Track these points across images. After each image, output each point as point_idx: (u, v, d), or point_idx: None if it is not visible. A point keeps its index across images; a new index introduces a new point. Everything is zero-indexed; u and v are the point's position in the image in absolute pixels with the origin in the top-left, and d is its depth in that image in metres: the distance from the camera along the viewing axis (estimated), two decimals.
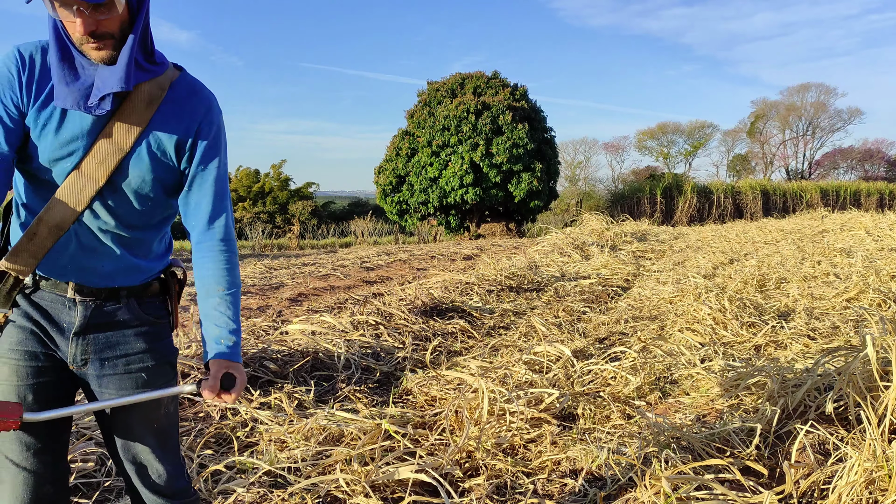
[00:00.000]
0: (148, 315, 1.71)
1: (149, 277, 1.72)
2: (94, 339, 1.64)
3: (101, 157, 1.56)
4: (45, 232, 1.57)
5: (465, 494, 2.89)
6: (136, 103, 1.57)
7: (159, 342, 1.73)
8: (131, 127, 1.56)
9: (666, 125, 46.48)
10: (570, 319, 6.54)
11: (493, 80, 23.69)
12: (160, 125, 1.60)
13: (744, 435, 3.37)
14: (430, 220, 24.66)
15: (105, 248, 1.63)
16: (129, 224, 1.64)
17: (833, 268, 8.60)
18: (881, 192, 32.59)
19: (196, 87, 1.67)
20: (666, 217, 29.34)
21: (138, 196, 1.62)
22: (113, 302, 1.66)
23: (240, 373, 1.61)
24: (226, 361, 1.60)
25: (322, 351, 4.81)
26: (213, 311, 1.65)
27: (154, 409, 1.71)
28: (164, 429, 1.74)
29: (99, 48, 1.49)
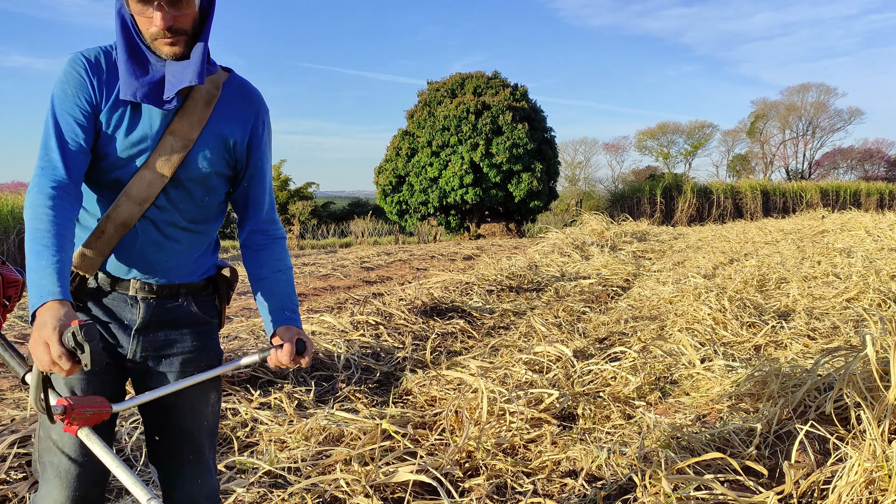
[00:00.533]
0: (202, 314, 1.77)
1: (205, 275, 1.78)
2: (153, 337, 1.70)
3: (168, 153, 1.62)
4: (112, 230, 1.62)
5: (465, 494, 2.89)
6: (197, 101, 1.64)
7: (210, 341, 1.80)
8: (193, 124, 1.63)
9: (666, 125, 46.48)
10: (570, 319, 6.54)
11: (493, 80, 23.68)
12: (219, 122, 1.68)
13: (744, 435, 3.37)
14: (430, 220, 24.65)
15: (168, 244, 1.68)
16: (191, 218, 1.71)
17: (833, 268, 8.60)
18: (881, 192, 32.57)
19: (248, 87, 1.77)
20: (666, 217, 29.33)
21: (200, 190, 1.69)
22: (172, 300, 1.72)
23: (308, 339, 1.68)
24: (295, 328, 1.69)
25: (322, 351, 4.81)
26: (274, 288, 1.74)
27: (204, 405, 1.76)
28: (211, 428, 1.80)
29: (172, 43, 1.55)
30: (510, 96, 22.85)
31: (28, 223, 1.50)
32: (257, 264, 1.79)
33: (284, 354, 1.63)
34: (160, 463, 1.78)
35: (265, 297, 1.76)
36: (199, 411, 1.76)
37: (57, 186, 1.52)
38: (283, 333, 1.68)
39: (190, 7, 1.54)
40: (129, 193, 1.62)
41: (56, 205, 1.50)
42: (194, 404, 1.74)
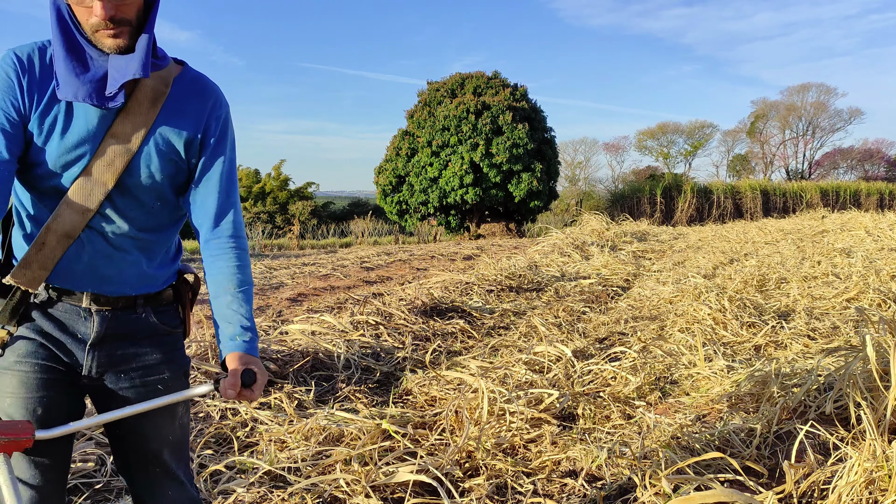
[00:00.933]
0: (163, 324, 1.66)
1: (164, 284, 1.67)
2: (110, 351, 1.59)
3: (109, 158, 1.49)
4: (54, 241, 1.50)
5: (465, 494, 2.89)
6: (142, 101, 1.51)
7: (175, 352, 1.68)
8: (138, 125, 1.51)
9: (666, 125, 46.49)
10: (570, 319, 6.54)
11: (493, 80, 23.69)
12: (167, 122, 1.54)
13: (744, 435, 3.37)
14: (430, 220, 24.66)
15: (120, 254, 1.57)
16: (143, 227, 1.58)
17: (833, 268, 8.60)
18: (881, 192, 32.58)
19: (201, 81, 1.62)
20: (666, 217, 29.34)
21: (149, 197, 1.57)
22: (129, 311, 1.60)
23: (260, 368, 1.50)
24: (245, 356, 1.51)
25: (322, 351, 4.81)
26: (226, 310, 1.57)
27: (169, 421, 1.66)
28: (178, 441, 1.70)
29: (115, 35, 1.42)
30: (510, 96, 22.86)
31: None
32: (209, 282, 1.62)
33: (229, 385, 1.44)
34: (129, 477, 1.70)
35: (217, 317, 1.59)
36: (163, 428, 1.65)
37: None
38: (231, 361, 1.51)
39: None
40: (70, 202, 1.49)
41: None
42: (158, 422, 1.63)
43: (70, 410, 1.57)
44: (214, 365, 4.12)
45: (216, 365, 4.14)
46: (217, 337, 1.59)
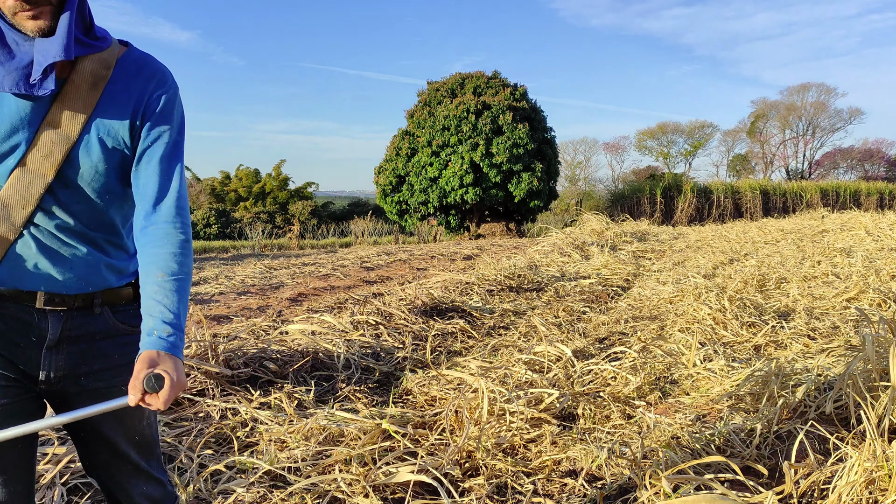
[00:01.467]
0: (123, 324, 1.58)
1: (122, 281, 1.58)
2: (68, 353, 1.50)
3: (47, 149, 1.40)
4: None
5: (465, 494, 2.89)
6: (80, 85, 1.42)
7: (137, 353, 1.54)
8: (76, 112, 1.42)
9: (666, 125, 46.49)
10: (570, 319, 6.54)
11: (493, 80, 23.69)
12: (108, 107, 1.45)
13: (744, 435, 3.37)
14: (430, 220, 24.66)
15: (69, 250, 1.48)
16: (91, 221, 1.50)
17: (833, 268, 8.60)
18: (881, 192, 32.58)
19: (145, 61, 1.52)
20: (666, 217, 29.34)
21: (94, 189, 1.47)
22: (86, 311, 1.52)
23: (172, 372, 1.34)
24: (156, 355, 1.37)
25: (322, 351, 4.81)
26: (149, 301, 1.44)
27: (137, 422, 1.60)
28: (147, 441, 1.63)
29: (35, 17, 1.33)
30: (510, 96, 22.86)
31: None
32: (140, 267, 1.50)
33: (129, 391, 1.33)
34: (99, 477, 1.65)
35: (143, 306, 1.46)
36: (130, 428, 1.59)
37: None
38: (139, 361, 1.36)
39: None
40: (6, 198, 1.41)
41: None
42: (124, 423, 1.58)
43: (25, 418, 1.48)
44: (214, 365, 4.13)
45: (216, 365, 4.14)
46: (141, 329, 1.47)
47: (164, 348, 1.38)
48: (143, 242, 1.50)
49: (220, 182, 37.26)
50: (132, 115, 1.47)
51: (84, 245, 1.50)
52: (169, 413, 3.73)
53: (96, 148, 1.45)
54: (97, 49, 1.44)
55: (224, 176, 37.74)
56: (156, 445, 1.68)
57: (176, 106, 1.53)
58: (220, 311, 7.32)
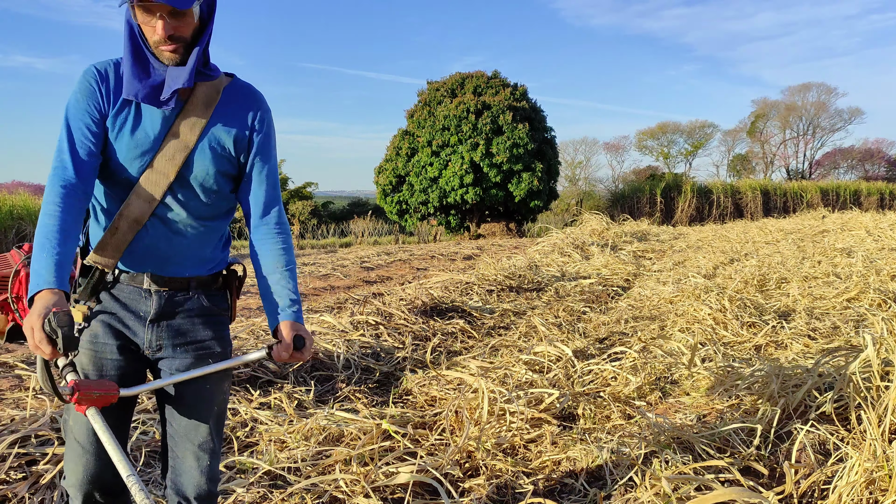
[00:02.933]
0: (213, 306, 1.87)
1: (213, 269, 1.88)
2: (167, 327, 1.81)
3: (171, 153, 1.74)
4: (126, 226, 1.76)
5: (465, 494, 2.89)
6: (197, 104, 1.77)
7: (223, 331, 1.90)
8: (194, 125, 1.76)
9: (666, 125, 46.45)
10: (570, 319, 6.54)
11: (494, 80, 23.67)
12: (218, 123, 1.79)
13: (744, 435, 3.37)
14: (430, 219, 24.64)
15: (177, 239, 1.80)
16: (198, 216, 1.81)
17: (833, 268, 8.60)
18: (881, 192, 32.55)
19: (248, 89, 1.87)
20: (666, 217, 29.32)
21: (204, 189, 1.80)
22: (183, 293, 1.83)
23: (307, 335, 1.76)
24: (294, 324, 1.76)
25: (322, 351, 4.81)
26: (275, 286, 1.81)
27: (217, 392, 1.85)
28: (222, 411, 1.88)
29: (173, 50, 1.69)
30: (510, 96, 22.84)
31: (39, 218, 1.65)
32: (260, 262, 1.86)
33: (283, 349, 1.72)
34: (173, 448, 1.85)
35: (268, 293, 1.83)
36: (211, 397, 1.84)
37: (66, 185, 1.67)
38: (283, 329, 1.76)
39: (190, 17, 1.68)
40: (139, 192, 1.75)
41: (64, 202, 1.65)
42: (207, 391, 1.83)
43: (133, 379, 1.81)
44: None
45: None
46: (269, 310, 1.82)
47: (297, 319, 1.77)
48: (260, 239, 1.86)
49: None
50: (239, 130, 1.82)
51: (190, 236, 1.82)
52: None
53: (208, 154, 1.78)
54: (211, 78, 1.80)
55: None
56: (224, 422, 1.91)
57: (272, 129, 1.89)
58: None
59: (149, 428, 3.43)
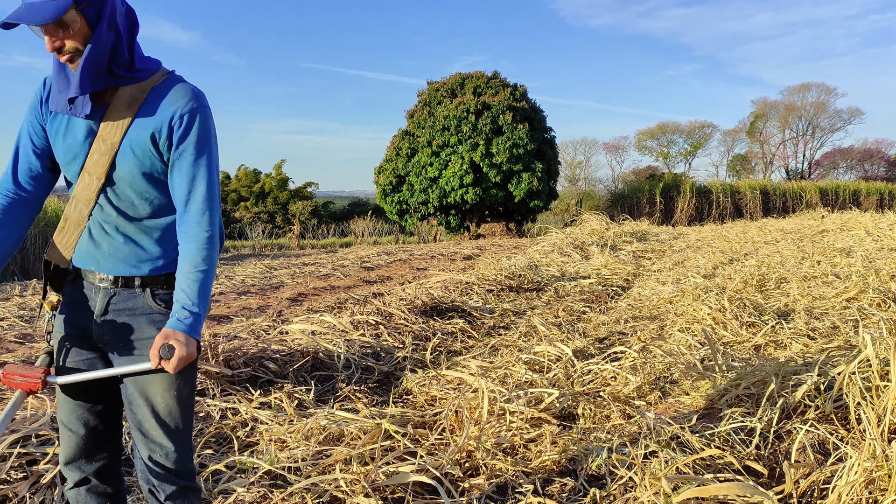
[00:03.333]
0: (159, 304, 1.86)
1: (157, 268, 1.87)
2: (111, 324, 1.85)
3: (97, 157, 1.79)
4: (70, 227, 1.86)
5: (465, 494, 2.90)
6: (120, 106, 1.78)
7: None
8: (117, 127, 1.77)
9: (665, 125, 46.45)
10: (570, 319, 6.54)
11: (493, 80, 23.67)
12: (140, 122, 1.78)
13: (744, 434, 3.37)
14: (430, 220, 24.64)
15: (111, 239, 1.84)
16: (134, 215, 1.84)
17: (833, 268, 8.60)
18: (881, 192, 32.55)
19: (176, 86, 1.81)
20: (666, 217, 29.32)
21: (133, 189, 1.81)
22: (128, 291, 1.85)
23: (182, 345, 1.69)
24: (172, 332, 1.71)
25: (322, 351, 4.81)
26: (177, 289, 1.78)
27: (164, 389, 1.84)
28: (170, 412, 1.86)
29: (68, 60, 1.70)
30: (510, 96, 22.84)
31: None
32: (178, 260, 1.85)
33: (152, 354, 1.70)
34: (133, 433, 1.91)
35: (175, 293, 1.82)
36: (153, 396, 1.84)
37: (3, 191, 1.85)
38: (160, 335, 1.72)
39: (71, 27, 1.66)
40: (76, 195, 1.83)
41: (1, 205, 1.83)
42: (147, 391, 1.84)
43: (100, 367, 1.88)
44: (214, 365, 4.13)
45: (216, 364, 4.14)
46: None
47: (180, 328, 1.72)
48: (179, 239, 1.84)
49: (220, 182, 37.22)
50: (158, 126, 1.78)
51: (131, 235, 1.85)
52: None
53: (130, 154, 1.78)
54: (133, 81, 1.79)
55: (224, 176, 37.73)
56: (181, 420, 1.88)
57: (197, 122, 1.80)
58: (221, 310, 7.32)
59: None
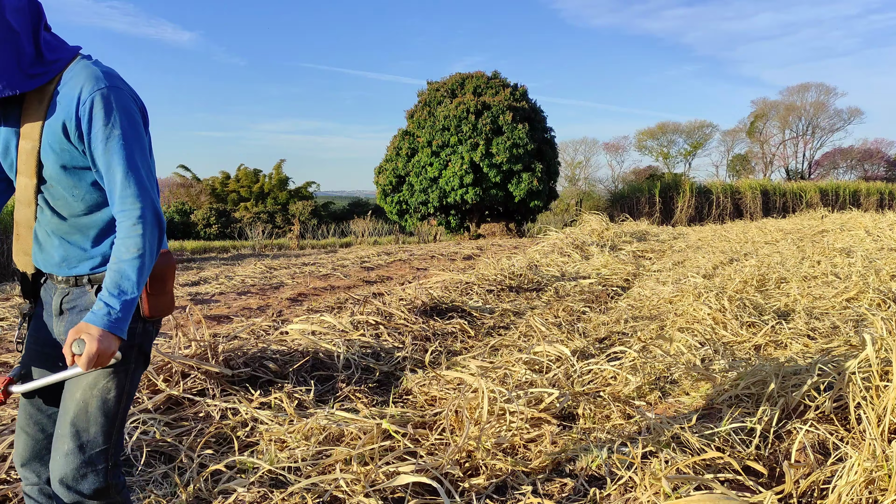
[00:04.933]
0: None
1: (97, 265, 1.83)
2: (68, 322, 1.84)
3: (25, 156, 1.77)
4: (23, 232, 1.86)
5: (465, 494, 2.90)
6: (32, 102, 1.75)
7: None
8: (34, 126, 1.75)
9: (666, 125, 46.47)
10: (569, 319, 6.54)
11: (493, 80, 23.67)
12: (51, 116, 1.73)
13: (744, 434, 3.37)
14: (430, 220, 24.63)
15: (51, 240, 1.83)
16: (69, 213, 1.80)
17: (833, 268, 8.60)
18: (881, 192, 32.54)
19: (77, 70, 1.75)
20: (665, 217, 29.31)
21: (61, 185, 1.78)
22: (78, 288, 1.84)
23: (93, 340, 1.63)
24: (84, 325, 1.66)
25: (322, 351, 4.81)
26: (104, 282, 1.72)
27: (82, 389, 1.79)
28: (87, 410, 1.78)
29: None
30: (510, 96, 22.84)
31: None
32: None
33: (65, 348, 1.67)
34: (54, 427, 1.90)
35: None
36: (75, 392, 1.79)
37: None
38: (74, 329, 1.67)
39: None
40: (20, 199, 1.82)
41: None
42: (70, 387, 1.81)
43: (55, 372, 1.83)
44: (214, 365, 4.13)
45: (216, 364, 4.14)
46: None
47: (93, 321, 1.66)
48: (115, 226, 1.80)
49: (220, 182, 37.23)
50: (66, 119, 1.72)
51: (71, 233, 1.82)
52: (169, 413, 3.73)
53: (48, 150, 1.75)
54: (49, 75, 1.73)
55: (224, 176, 37.72)
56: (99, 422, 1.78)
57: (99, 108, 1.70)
58: (221, 310, 7.33)
59: (149, 427, 3.43)
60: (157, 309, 1.84)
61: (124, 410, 1.83)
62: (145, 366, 1.90)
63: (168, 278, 1.85)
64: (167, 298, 1.86)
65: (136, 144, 1.73)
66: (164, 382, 3.96)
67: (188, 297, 8.34)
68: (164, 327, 6.29)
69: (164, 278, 1.84)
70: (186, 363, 4.09)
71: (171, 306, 1.89)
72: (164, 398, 3.81)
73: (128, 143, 1.72)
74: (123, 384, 1.81)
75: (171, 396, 3.86)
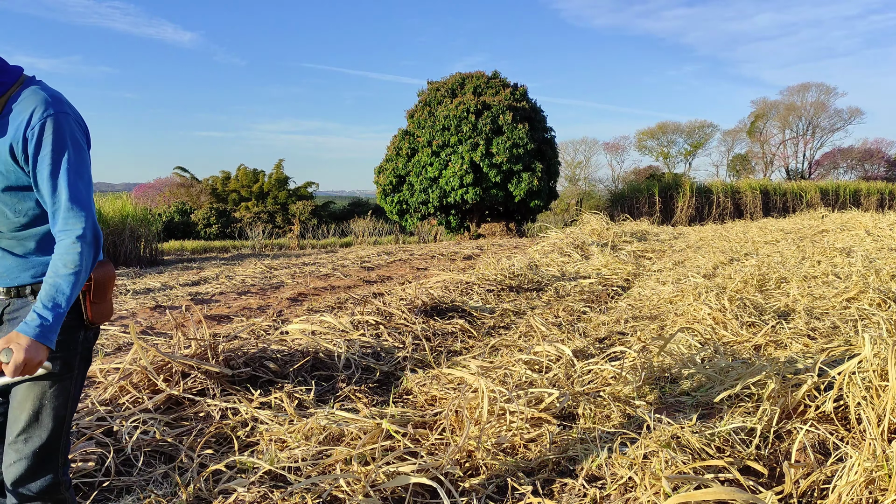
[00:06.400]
0: None
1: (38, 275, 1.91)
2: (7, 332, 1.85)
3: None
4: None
5: (465, 494, 2.90)
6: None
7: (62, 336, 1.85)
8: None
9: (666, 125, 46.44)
10: (570, 319, 6.54)
11: (494, 80, 23.68)
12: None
13: (744, 434, 3.37)
14: (431, 219, 24.64)
15: (4, 252, 1.91)
16: (15, 227, 1.89)
17: (833, 267, 8.60)
18: (881, 192, 32.54)
19: (26, 95, 1.83)
20: (666, 217, 29.31)
21: (5, 203, 1.87)
22: (20, 299, 1.92)
23: (21, 349, 1.70)
24: (14, 335, 1.73)
25: (322, 351, 4.81)
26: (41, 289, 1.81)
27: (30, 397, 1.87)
28: (38, 418, 1.87)
29: None
30: (510, 96, 22.84)
31: None
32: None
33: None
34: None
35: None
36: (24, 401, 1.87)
37: None
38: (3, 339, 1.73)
39: None
40: None
41: None
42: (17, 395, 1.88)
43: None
44: (215, 365, 4.13)
45: (216, 364, 4.14)
46: None
47: (23, 331, 1.72)
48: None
49: (220, 182, 37.24)
50: (12, 140, 1.81)
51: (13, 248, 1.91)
52: (169, 413, 3.73)
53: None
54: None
55: (225, 176, 37.74)
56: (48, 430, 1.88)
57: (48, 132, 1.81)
58: (221, 310, 7.33)
59: (149, 427, 3.43)
60: (99, 315, 1.95)
61: (71, 413, 1.94)
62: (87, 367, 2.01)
63: (108, 287, 1.96)
64: (108, 306, 1.98)
65: (80, 167, 1.85)
66: (165, 382, 3.96)
67: (188, 296, 8.34)
68: (164, 327, 6.29)
69: (105, 287, 1.95)
70: (186, 363, 4.09)
71: (111, 312, 2.01)
72: (165, 398, 3.81)
73: (71, 166, 1.82)
74: (69, 390, 1.92)
75: (171, 396, 3.86)
